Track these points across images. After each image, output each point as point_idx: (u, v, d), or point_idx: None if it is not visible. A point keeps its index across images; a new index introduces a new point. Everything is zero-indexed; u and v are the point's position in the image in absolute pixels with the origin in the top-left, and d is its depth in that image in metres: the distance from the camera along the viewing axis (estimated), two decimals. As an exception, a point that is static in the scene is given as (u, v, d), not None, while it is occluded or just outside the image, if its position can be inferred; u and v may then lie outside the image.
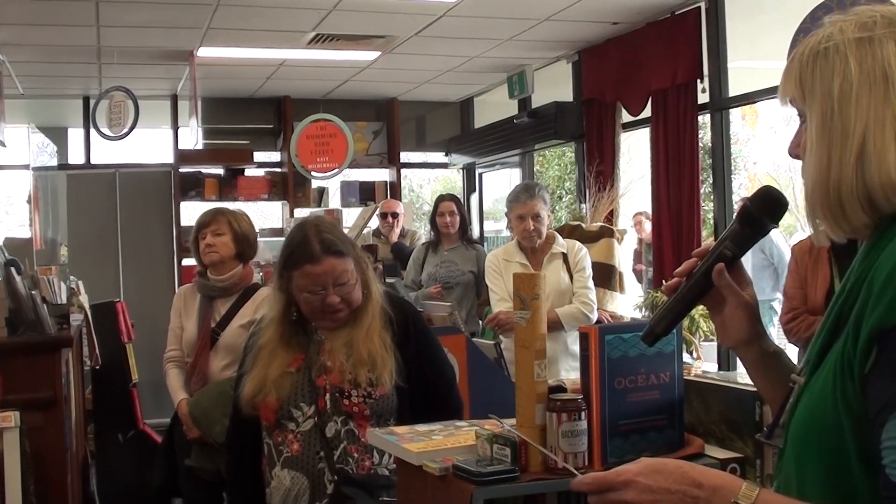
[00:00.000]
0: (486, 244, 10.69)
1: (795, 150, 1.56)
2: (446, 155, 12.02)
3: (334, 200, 11.60)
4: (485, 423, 2.47)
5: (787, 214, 1.71)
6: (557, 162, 16.63)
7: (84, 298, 6.62)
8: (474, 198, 11.99)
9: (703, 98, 7.45)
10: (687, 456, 2.17)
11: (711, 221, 8.21)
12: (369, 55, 9.14)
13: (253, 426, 3.27)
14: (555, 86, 9.68)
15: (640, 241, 12.29)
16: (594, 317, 5.51)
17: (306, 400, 3.15)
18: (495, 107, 11.12)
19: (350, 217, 8.73)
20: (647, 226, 10.54)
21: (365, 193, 11.64)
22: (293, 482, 3.13)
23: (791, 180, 16.31)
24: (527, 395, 2.26)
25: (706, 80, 7.34)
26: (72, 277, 7.17)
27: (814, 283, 4.81)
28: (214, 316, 4.69)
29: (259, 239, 10.34)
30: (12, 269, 4.95)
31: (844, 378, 1.36)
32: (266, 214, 14.17)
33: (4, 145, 7.28)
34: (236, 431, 3.41)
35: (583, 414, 2.20)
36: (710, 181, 7.97)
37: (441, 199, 7.64)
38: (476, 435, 2.34)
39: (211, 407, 4.42)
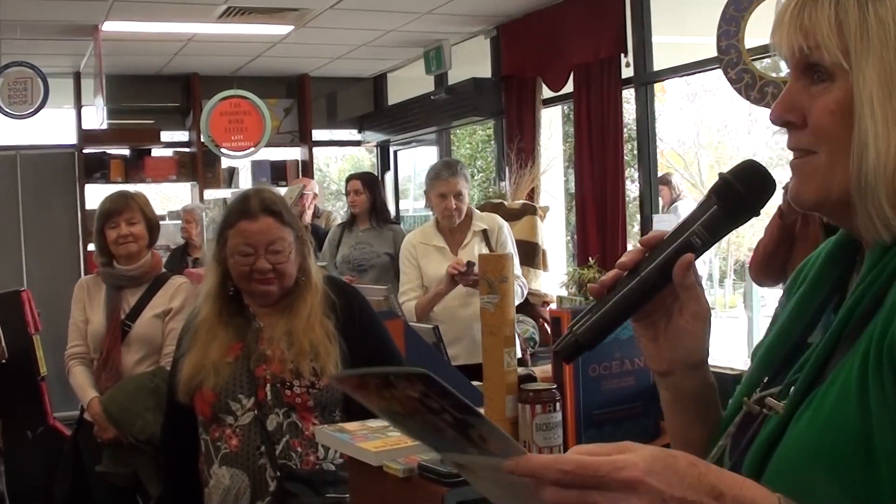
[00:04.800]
0: (402, 224, 10.55)
1: (787, 116, 1.24)
2: (359, 132, 11.84)
3: (245, 180, 11.35)
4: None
5: (690, 189, 1.42)
6: (469, 140, 16.55)
7: (-13, 287, 6.34)
8: (389, 176, 11.84)
9: (626, 73, 7.36)
10: (664, 446, 2.04)
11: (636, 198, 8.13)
12: (282, 29, 8.91)
13: (188, 421, 3.09)
14: (473, 62, 9.54)
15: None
16: (524, 293, 5.41)
17: (245, 391, 2.98)
18: (410, 83, 10.95)
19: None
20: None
21: (276, 172, 11.42)
22: (233, 480, 2.97)
23: (696, 157, 16.47)
24: (496, 385, 2.12)
25: (630, 54, 7.24)
26: (-26, 265, 6.87)
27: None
28: (123, 307, 4.43)
29: (168, 221, 10.22)
30: None
31: (876, 388, 1.12)
32: (173, 196, 13.87)
33: None
34: (171, 426, 3.23)
35: (558, 405, 2.06)
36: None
37: (348, 178, 7.54)
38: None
39: (129, 402, 4.18)
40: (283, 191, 8.39)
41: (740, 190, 1.30)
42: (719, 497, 1.04)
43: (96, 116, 9.55)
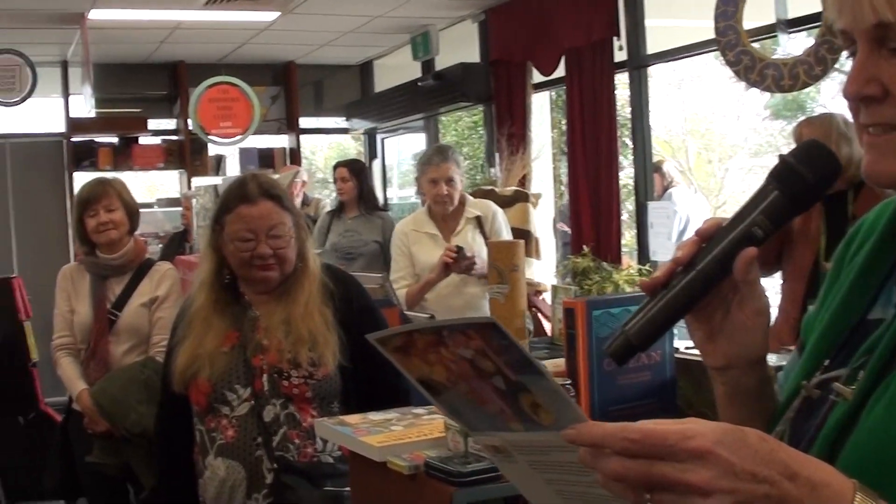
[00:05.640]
0: (389, 211, 10.51)
1: (867, 89, 1.11)
2: (346, 120, 11.79)
3: (233, 168, 11.29)
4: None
5: (680, 177, 1.31)
6: (454, 127, 16.47)
7: (-21, 276, 6.31)
8: (376, 164, 11.79)
9: (619, 56, 7.30)
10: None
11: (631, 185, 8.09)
12: (268, 16, 8.84)
13: (183, 410, 3.05)
14: (461, 47, 9.46)
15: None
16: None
17: (241, 381, 2.94)
18: (398, 70, 10.88)
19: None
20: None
21: (264, 160, 11.34)
22: (228, 472, 2.93)
23: (684, 143, 16.41)
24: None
25: (623, 37, 7.19)
26: (-37, 254, 6.82)
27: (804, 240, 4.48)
28: (109, 296, 4.36)
29: (156, 209, 10.18)
30: None
31: None
32: (161, 184, 13.81)
33: None
34: (166, 416, 3.19)
35: (572, 402, 2.02)
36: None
37: (335, 165, 7.51)
38: (446, 426, 2.14)
39: (121, 395, 4.13)
40: (276, 177, 8.33)
41: (803, 173, 1.17)
42: (793, 477, 0.96)
43: (84, 105, 9.48)
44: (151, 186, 14.72)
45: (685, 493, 0.94)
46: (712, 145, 16.16)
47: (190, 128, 9.08)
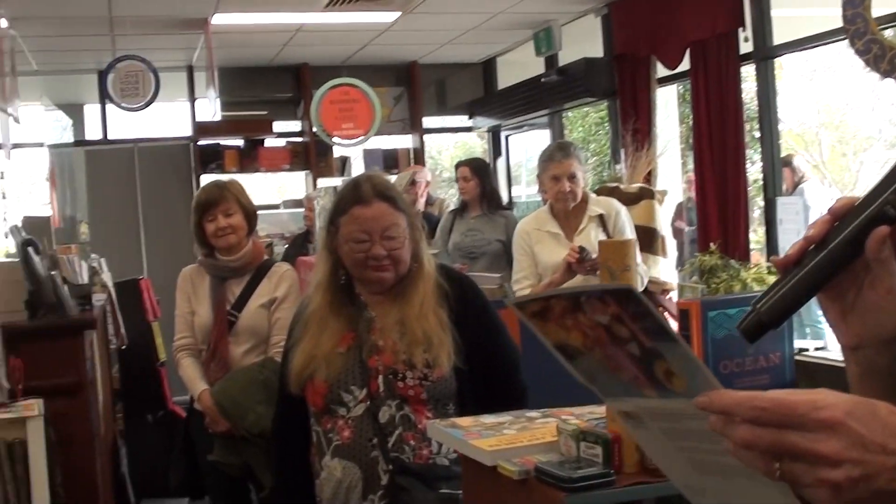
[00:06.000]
0: (515, 210, 10.44)
1: None
2: (470, 118, 11.76)
3: (358, 169, 11.37)
4: (562, 415, 2.20)
5: (812, 171, 1.25)
6: (581, 123, 16.36)
7: (107, 276, 6.44)
8: (500, 162, 11.73)
9: (745, 48, 7.09)
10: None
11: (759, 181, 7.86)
12: (389, 16, 8.87)
13: (300, 411, 3.04)
14: (584, 42, 9.36)
15: (689, 198, 11.94)
16: (645, 281, 5.22)
17: (357, 383, 2.91)
18: (520, 66, 10.82)
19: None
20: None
21: (388, 161, 11.43)
22: (345, 473, 2.90)
23: (818, 137, 15.97)
24: (619, 384, 1.98)
25: (748, 28, 6.98)
26: (93, 256, 6.96)
27: None
28: (228, 297, 4.38)
29: (282, 210, 10.30)
30: (30, 249, 4.71)
31: None
32: (287, 186, 14.00)
33: (18, 122, 7.05)
34: (283, 417, 3.19)
35: (686, 405, 1.92)
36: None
37: (457, 164, 7.44)
38: (558, 430, 2.07)
39: (241, 395, 4.15)
40: (393, 178, 8.34)
41: None
42: None
43: (209, 108, 9.64)
44: (282, 187, 14.95)
45: (814, 463, 0.94)
46: (846, 138, 15.69)
47: (313, 129, 9.15)
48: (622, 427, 1.96)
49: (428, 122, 11.83)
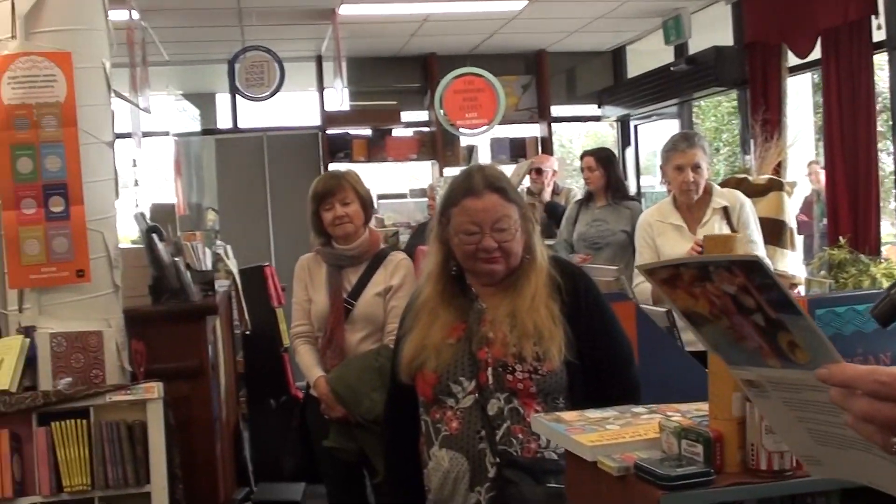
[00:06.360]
0: (643, 201, 10.31)
1: None
2: (599, 107, 11.65)
3: (484, 158, 11.38)
4: (668, 411, 2.15)
5: None
6: (714, 112, 16.09)
7: (232, 263, 6.56)
8: (629, 152, 11.60)
9: (878, 36, 6.88)
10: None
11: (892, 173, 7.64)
12: (517, 4, 8.84)
13: (411, 400, 3.04)
14: (714, 30, 9.19)
15: (814, 191, 11.68)
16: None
17: (466, 374, 2.89)
18: (650, 55, 10.69)
19: (504, 174, 8.48)
20: (823, 175, 10.01)
21: (516, 150, 11.41)
22: (452, 463, 2.88)
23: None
24: (722, 381, 1.92)
25: (881, 15, 6.76)
26: (219, 242, 7.11)
27: None
28: (345, 286, 4.40)
29: (409, 199, 10.37)
30: (154, 236, 4.83)
31: None
32: (415, 175, 14.08)
33: (149, 112, 7.23)
34: (394, 405, 3.19)
35: (791, 405, 1.86)
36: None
37: (582, 154, 7.39)
38: (660, 427, 2.02)
39: (356, 382, 4.17)
40: (511, 168, 8.31)
41: None
42: None
43: (337, 98, 9.75)
44: (408, 177, 15.05)
45: None
46: None
47: (438, 118, 9.19)
48: (726, 425, 1.91)
49: (556, 110, 11.75)
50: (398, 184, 12.96)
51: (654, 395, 2.72)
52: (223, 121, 11.35)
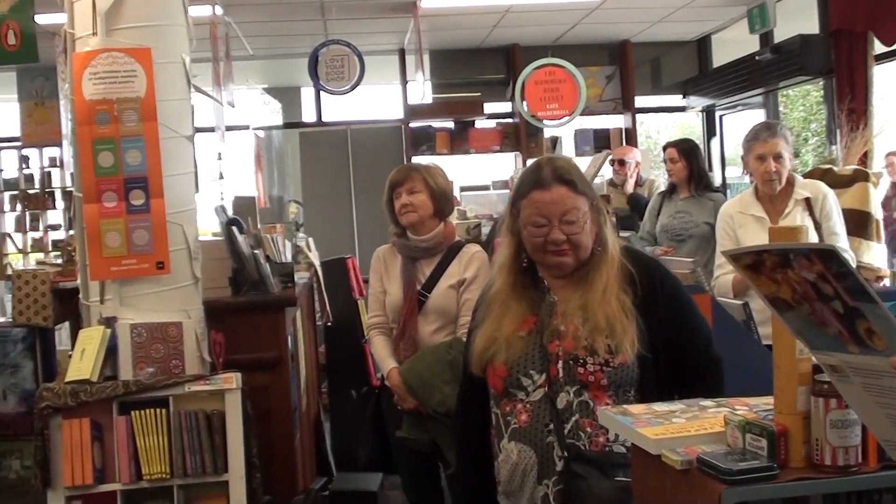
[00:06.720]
0: (728, 192, 10.18)
1: None
2: (683, 97, 11.53)
3: (568, 149, 11.33)
4: (736, 405, 2.13)
5: None
6: (802, 102, 15.84)
7: (314, 255, 6.62)
8: (714, 142, 11.46)
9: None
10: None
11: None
12: (599, -6, 8.79)
13: (483, 392, 3.04)
14: (799, 17, 9.03)
15: (893, 183, 11.42)
16: (853, 267, 4.97)
17: (537, 367, 2.88)
18: (735, 44, 10.56)
19: (581, 166, 8.44)
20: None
21: (599, 141, 11.35)
22: (520, 456, 2.88)
23: None
24: (786, 375, 1.89)
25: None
26: (301, 235, 7.18)
27: None
28: (419, 277, 4.41)
29: (492, 191, 10.37)
30: (234, 228, 4.90)
31: None
32: (498, 167, 14.09)
33: (233, 106, 7.33)
34: (466, 397, 3.19)
35: (858, 399, 1.82)
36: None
37: (665, 146, 7.29)
38: (725, 421, 2.00)
39: (428, 375, 4.19)
40: (583, 161, 8.26)
41: None
42: None
43: (419, 91, 9.77)
44: (489, 169, 15.04)
45: None
46: None
47: (518, 110, 9.17)
48: (790, 420, 1.88)
49: (640, 101, 11.64)
50: (481, 176, 12.98)
51: (729, 389, 2.69)
52: (308, 114, 11.46)
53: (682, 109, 12.22)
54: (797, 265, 1.13)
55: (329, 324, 6.70)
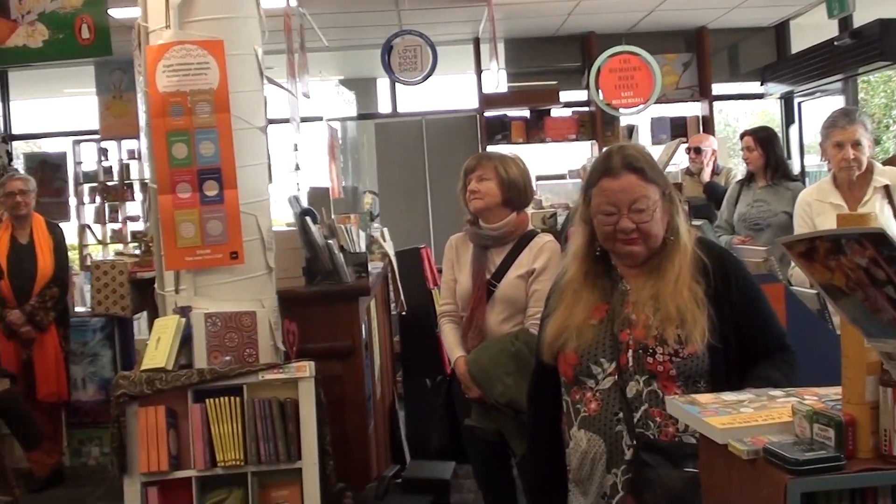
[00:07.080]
0: (807, 180, 10.03)
1: None
2: (761, 84, 11.37)
3: (644, 138, 11.24)
4: (805, 394, 2.10)
5: None
6: (884, 88, 15.52)
7: (389, 245, 6.64)
8: (793, 130, 11.29)
9: None
10: None
11: None
12: (675, -19, 8.70)
13: (554, 380, 3.04)
14: (879, 1, 8.87)
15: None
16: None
17: (607, 356, 2.87)
18: (814, 29, 10.37)
19: (655, 154, 8.36)
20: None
21: (676, 129, 11.22)
22: (590, 444, 2.88)
23: None
24: (855, 364, 1.85)
25: None
26: (375, 225, 7.21)
27: None
28: (489, 266, 4.40)
29: (568, 180, 10.33)
30: (307, 218, 4.94)
31: None
32: (574, 156, 14.03)
33: (308, 97, 7.37)
34: (538, 385, 3.19)
35: (927, 390, 1.78)
36: None
37: (742, 134, 7.23)
38: (793, 411, 1.98)
39: (491, 366, 4.17)
40: (658, 149, 8.18)
41: None
42: None
43: (493, 80, 9.76)
44: (565, 157, 14.98)
45: None
46: None
47: (593, 97, 9.13)
48: (859, 410, 1.85)
49: (718, 88, 11.50)
50: (557, 165, 12.94)
51: (804, 379, 2.65)
52: (383, 105, 11.51)
53: (759, 96, 12.04)
54: (849, 251, 1.12)
55: (403, 313, 6.73)
